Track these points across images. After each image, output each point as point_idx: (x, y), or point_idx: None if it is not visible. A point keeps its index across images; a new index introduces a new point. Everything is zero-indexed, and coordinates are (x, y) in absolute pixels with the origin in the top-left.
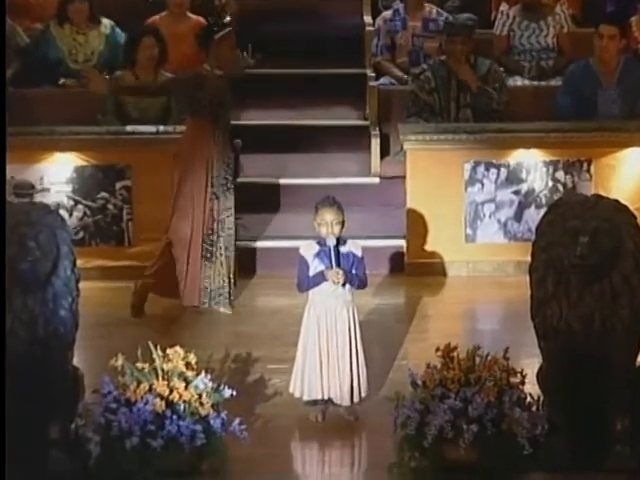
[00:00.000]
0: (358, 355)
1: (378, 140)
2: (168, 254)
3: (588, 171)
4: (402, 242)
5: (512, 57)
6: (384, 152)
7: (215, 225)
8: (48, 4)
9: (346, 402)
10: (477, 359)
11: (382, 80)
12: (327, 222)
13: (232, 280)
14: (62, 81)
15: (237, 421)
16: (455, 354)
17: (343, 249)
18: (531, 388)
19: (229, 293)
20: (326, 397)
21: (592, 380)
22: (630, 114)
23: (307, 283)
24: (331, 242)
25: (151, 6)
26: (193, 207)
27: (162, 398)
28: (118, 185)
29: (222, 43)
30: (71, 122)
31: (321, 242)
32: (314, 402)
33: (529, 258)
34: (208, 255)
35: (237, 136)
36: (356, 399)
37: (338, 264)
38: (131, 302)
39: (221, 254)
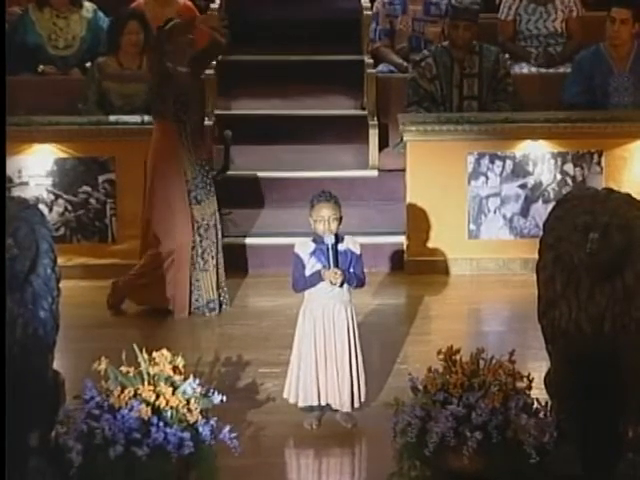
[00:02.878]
0: (357, 357)
1: (376, 131)
2: (156, 262)
3: (599, 163)
4: (402, 238)
5: (518, 43)
6: (383, 143)
7: (203, 231)
8: None
9: (345, 408)
10: (481, 362)
11: (381, 67)
12: (324, 218)
13: (223, 287)
14: (41, 68)
15: (227, 428)
16: (458, 357)
17: (340, 247)
18: (538, 393)
19: (220, 302)
20: (323, 403)
21: (603, 385)
22: None
23: (303, 283)
24: (329, 240)
25: None
26: (174, 214)
27: (148, 404)
28: (101, 178)
29: (174, 31)
30: (51, 111)
31: (317, 239)
32: (310, 408)
33: (536, 255)
34: (201, 264)
35: (227, 127)
36: (355, 404)
37: (336, 263)
38: (110, 301)
39: (213, 262)
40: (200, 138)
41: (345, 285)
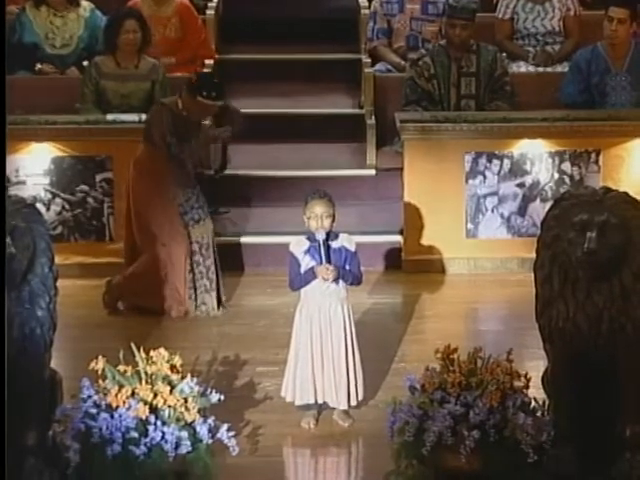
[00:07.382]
0: (354, 355)
1: (374, 130)
2: (151, 268)
3: (596, 162)
4: (399, 237)
5: (515, 42)
6: (380, 142)
7: (204, 250)
8: None
9: (342, 406)
10: (479, 361)
11: (378, 66)
12: (317, 215)
13: (222, 291)
14: (38, 67)
15: (225, 427)
16: (455, 356)
17: (335, 244)
18: (536, 392)
19: (219, 305)
20: (320, 401)
21: (600, 384)
22: None
23: (299, 281)
24: (321, 236)
25: None
26: (165, 233)
27: (145, 403)
28: (98, 177)
29: (205, 108)
30: (48, 110)
31: (311, 238)
32: (307, 406)
33: (534, 255)
34: (207, 285)
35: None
36: (352, 403)
37: (329, 260)
38: (106, 300)
39: (215, 279)
40: (189, 167)
41: (341, 283)
